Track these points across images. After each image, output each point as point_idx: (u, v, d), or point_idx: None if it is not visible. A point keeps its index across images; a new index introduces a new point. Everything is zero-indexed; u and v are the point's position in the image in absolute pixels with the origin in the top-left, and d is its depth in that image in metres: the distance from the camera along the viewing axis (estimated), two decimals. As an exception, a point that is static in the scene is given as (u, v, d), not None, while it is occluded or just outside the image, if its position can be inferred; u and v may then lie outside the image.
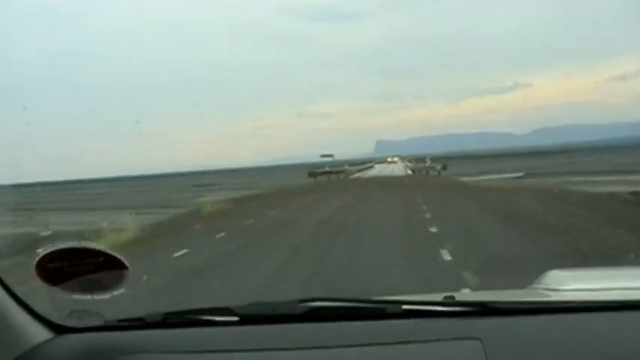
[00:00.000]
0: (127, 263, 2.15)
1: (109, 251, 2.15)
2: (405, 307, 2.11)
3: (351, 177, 78.05)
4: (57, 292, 2.13)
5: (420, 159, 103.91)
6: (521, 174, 60.23)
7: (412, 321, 2.06)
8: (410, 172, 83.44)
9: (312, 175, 70.26)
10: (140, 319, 2.20)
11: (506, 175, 59.61)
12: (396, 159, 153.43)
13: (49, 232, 23.08)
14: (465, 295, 3.74)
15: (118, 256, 2.15)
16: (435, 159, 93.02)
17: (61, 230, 24.25)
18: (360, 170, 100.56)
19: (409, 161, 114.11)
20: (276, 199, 38.56)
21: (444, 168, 71.93)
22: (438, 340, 1.96)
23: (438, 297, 2.27)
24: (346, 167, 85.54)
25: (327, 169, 75.24)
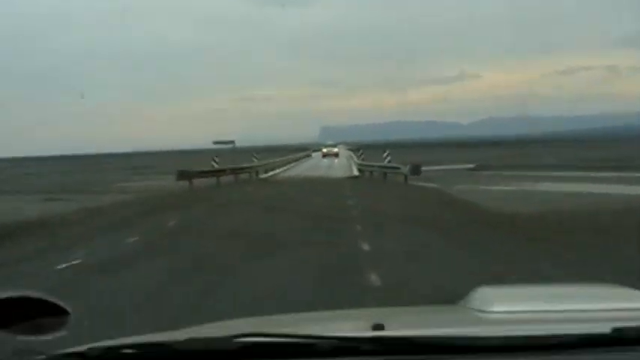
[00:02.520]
0: (67, 308, 2.21)
1: (51, 298, 2.20)
2: (333, 342, 2.09)
3: (263, 176, 48.80)
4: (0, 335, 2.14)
5: (362, 147, 76.50)
6: (472, 165, 57.37)
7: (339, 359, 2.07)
8: (356, 171, 50.52)
9: (183, 176, 38.14)
10: (82, 355, 2.14)
11: (458, 167, 56.26)
12: (336, 149, 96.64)
13: None
14: (396, 318, 2.85)
15: (59, 302, 2.23)
16: (381, 146, 63.87)
17: None
18: (283, 164, 64.66)
19: (355, 151, 73.56)
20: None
21: (416, 171, 37.11)
22: None
23: (368, 325, 2.23)
24: (254, 161, 51.98)
25: (216, 165, 44.41)
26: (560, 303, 2.52)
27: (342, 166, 62.10)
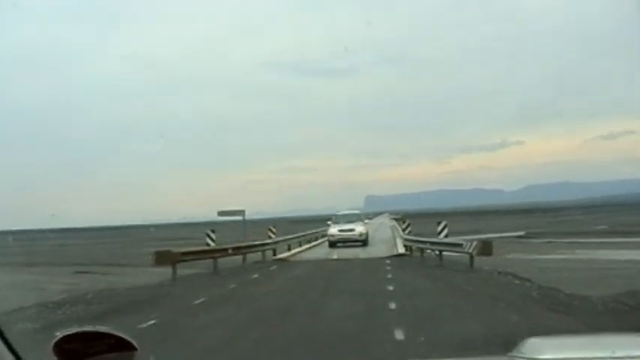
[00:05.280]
0: (135, 344, 2.29)
1: (120, 334, 2.28)
2: None
3: (282, 256, 35.91)
4: None
5: (408, 216, 54.98)
6: (522, 233, 56.66)
7: None
8: (402, 248, 36.13)
9: (162, 259, 24.98)
10: None
11: (508, 235, 55.58)
12: (361, 227, 42.77)
13: None
14: None
15: (128, 338, 2.30)
16: (426, 215, 56.16)
17: None
18: (315, 238, 49.58)
19: (400, 220, 55.44)
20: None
21: (486, 250, 24.13)
22: None
23: None
24: (270, 235, 37.35)
25: (211, 243, 31.93)
26: (611, 350, 2.53)
27: (385, 240, 49.28)
